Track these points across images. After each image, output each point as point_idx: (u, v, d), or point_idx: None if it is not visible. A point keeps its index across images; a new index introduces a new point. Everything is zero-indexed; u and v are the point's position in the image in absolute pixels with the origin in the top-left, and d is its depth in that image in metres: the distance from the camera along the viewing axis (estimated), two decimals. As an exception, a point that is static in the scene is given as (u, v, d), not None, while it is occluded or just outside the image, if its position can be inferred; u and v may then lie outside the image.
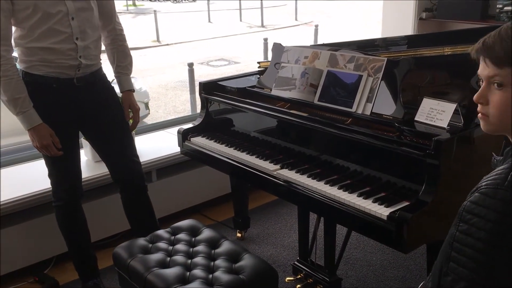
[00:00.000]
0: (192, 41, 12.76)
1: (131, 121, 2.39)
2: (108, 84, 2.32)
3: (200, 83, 2.55)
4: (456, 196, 1.74)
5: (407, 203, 1.66)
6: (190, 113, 4.54)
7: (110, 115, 2.29)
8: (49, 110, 2.09)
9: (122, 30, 2.35)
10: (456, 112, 1.74)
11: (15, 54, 2.07)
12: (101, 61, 2.27)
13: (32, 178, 2.63)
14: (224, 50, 11.42)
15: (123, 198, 2.44)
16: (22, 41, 2.03)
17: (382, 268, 2.58)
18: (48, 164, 2.22)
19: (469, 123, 1.77)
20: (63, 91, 2.11)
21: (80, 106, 2.18)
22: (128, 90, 2.37)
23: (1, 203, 2.40)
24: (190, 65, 5.10)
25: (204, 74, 8.60)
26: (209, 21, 16.41)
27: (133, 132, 2.67)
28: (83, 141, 2.79)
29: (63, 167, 2.21)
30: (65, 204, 2.26)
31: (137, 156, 2.39)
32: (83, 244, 2.37)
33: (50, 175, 2.25)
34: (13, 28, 2.03)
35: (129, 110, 2.36)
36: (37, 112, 2.06)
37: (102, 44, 2.28)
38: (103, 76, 2.30)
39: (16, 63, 2.07)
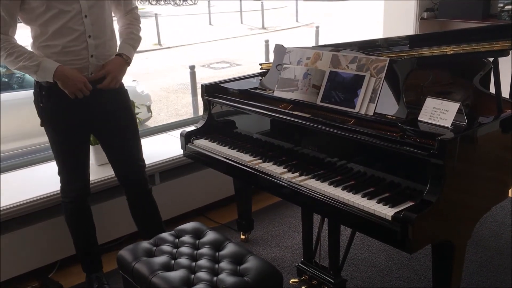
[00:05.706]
0: (193, 44, 12.78)
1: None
2: (121, 87, 2.31)
3: (202, 86, 2.55)
4: (460, 196, 1.75)
5: (411, 204, 1.65)
6: (192, 116, 4.55)
7: (120, 119, 2.31)
8: (61, 112, 2.14)
9: (138, 21, 2.45)
10: (459, 111, 1.74)
11: None
12: None
13: (34, 183, 2.65)
14: (226, 53, 11.43)
15: (129, 200, 2.50)
16: (36, 41, 2.06)
17: (387, 268, 2.57)
18: (58, 162, 2.27)
19: (472, 123, 1.77)
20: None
21: (91, 109, 2.20)
22: (120, 54, 2.25)
23: (4, 208, 2.40)
24: (192, 68, 5.11)
25: (205, 77, 8.60)
26: (210, 23, 16.43)
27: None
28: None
29: (73, 166, 2.28)
30: (73, 201, 2.34)
31: (142, 160, 2.43)
32: (90, 239, 2.45)
33: (60, 173, 2.30)
34: (30, 29, 2.06)
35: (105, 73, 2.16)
36: (49, 114, 2.14)
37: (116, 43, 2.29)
38: None
39: None
